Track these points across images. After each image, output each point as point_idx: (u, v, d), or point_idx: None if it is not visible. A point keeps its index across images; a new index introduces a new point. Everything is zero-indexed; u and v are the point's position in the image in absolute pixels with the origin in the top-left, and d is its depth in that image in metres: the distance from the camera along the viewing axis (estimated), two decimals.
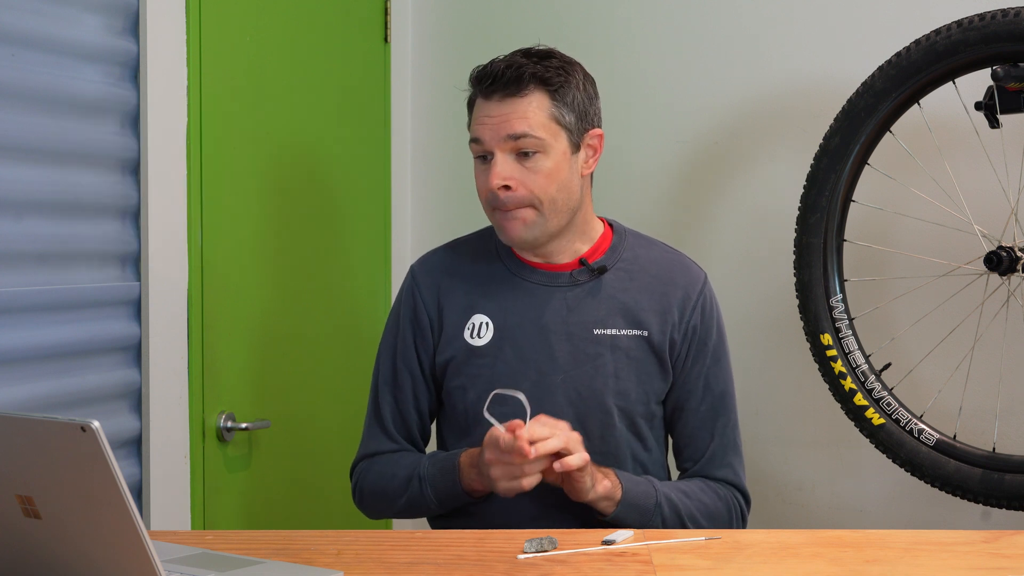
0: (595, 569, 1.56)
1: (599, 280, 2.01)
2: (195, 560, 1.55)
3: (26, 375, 1.92)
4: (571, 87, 1.95)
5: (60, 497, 1.29)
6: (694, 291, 2.03)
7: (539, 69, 1.93)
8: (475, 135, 1.96)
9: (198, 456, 2.29)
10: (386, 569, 1.57)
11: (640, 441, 2.00)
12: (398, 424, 2.06)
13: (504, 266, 2.05)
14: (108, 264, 2.11)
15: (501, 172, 1.92)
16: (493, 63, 1.96)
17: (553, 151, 1.93)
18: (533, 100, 1.92)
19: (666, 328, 2.00)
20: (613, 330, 1.98)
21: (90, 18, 2.05)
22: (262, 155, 2.49)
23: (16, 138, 1.90)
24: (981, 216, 2.36)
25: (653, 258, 2.05)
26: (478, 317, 2.01)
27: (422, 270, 2.09)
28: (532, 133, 1.91)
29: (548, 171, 1.93)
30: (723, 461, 2.02)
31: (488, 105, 1.94)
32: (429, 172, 3.03)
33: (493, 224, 2.01)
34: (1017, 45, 2.14)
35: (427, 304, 2.04)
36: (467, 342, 2.00)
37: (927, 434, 2.27)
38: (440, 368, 2.04)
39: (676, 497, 1.94)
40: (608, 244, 2.05)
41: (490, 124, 1.93)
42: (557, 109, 1.93)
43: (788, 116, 2.73)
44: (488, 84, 1.94)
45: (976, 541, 1.70)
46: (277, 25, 2.55)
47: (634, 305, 2.00)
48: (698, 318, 2.02)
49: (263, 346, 2.49)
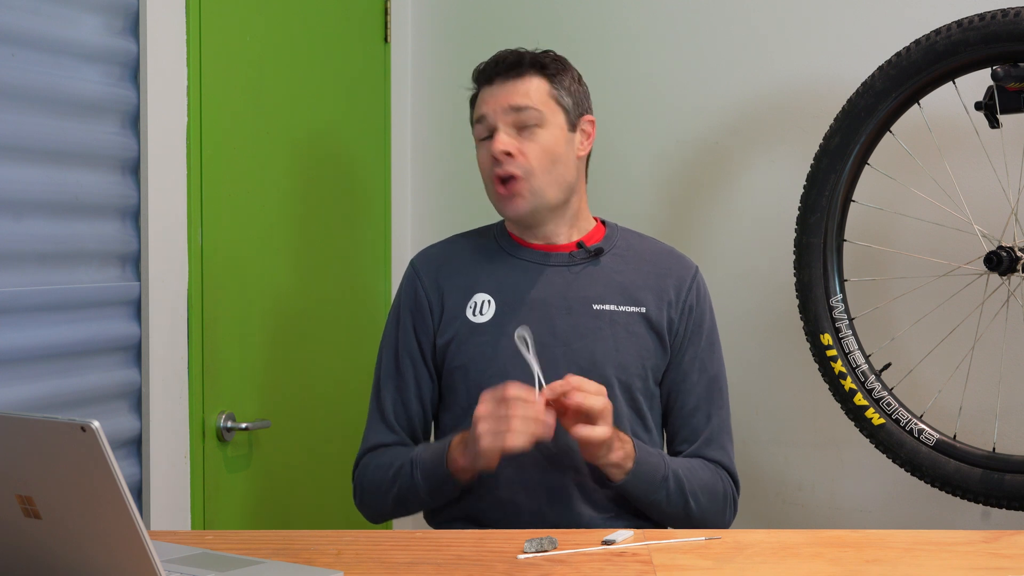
0: (595, 569, 1.56)
1: (596, 261, 2.08)
2: (195, 560, 1.55)
3: (26, 375, 1.92)
4: (566, 75, 2.08)
5: (60, 497, 1.29)
6: (688, 276, 2.10)
7: (536, 57, 2.06)
8: (479, 113, 2.06)
9: (198, 456, 2.29)
10: (386, 569, 1.57)
11: (640, 420, 2.03)
12: (400, 416, 2.07)
13: (503, 249, 2.10)
14: (108, 264, 2.11)
15: (503, 139, 2.01)
16: (496, 56, 2.08)
17: (551, 125, 2.03)
18: (532, 81, 2.04)
19: (663, 306, 2.05)
20: (611, 306, 2.04)
21: (90, 18, 2.05)
22: (262, 155, 2.49)
23: (16, 138, 1.90)
24: (981, 216, 2.36)
25: (646, 248, 2.13)
26: (480, 295, 2.05)
27: (422, 259, 2.15)
28: (532, 106, 2.02)
29: (547, 143, 2.02)
30: (718, 443, 2.06)
31: (490, 89, 2.05)
32: (429, 171, 3.03)
33: (493, 203, 2.07)
34: (1017, 45, 2.14)
35: (427, 288, 2.09)
36: (469, 320, 2.04)
37: (927, 434, 2.27)
38: (441, 351, 2.06)
39: (683, 473, 1.97)
40: (602, 235, 2.13)
41: (491, 101, 2.04)
42: (555, 91, 2.05)
43: (788, 116, 2.73)
44: (490, 70, 2.06)
45: (976, 541, 1.70)
46: (277, 25, 2.55)
47: (630, 285, 2.06)
48: (694, 299, 2.08)
49: (263, 346, 2.49)
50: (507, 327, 2.00)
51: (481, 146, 2.06)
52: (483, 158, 2.06)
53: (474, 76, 2.10)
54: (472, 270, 2.09)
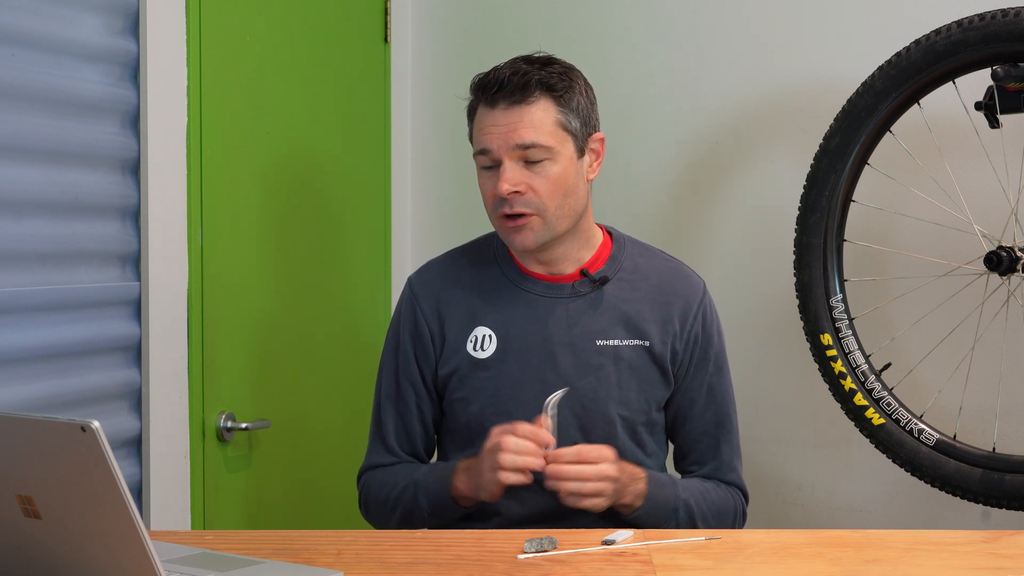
0: (595, 569, 1.56)
1: (600, 291, 2.01)
2: (195, 560, 1.55)
3: (26, 375, 1.92)
4: (575, 92, 1.95)
5: (60, 497, 1.29)
6: (694, 300, 2.04)
7: (544, 75, 1.92)
8: (483, 146, 1.94)
9: (198, 456, 2.29)
10: (386, 569, 1.57)
11: (641, 448, 2.01)
12: (402, 439, 2.05)
13: (505, 276, 2.04)
14: (108, 264, 2.11)
15: (511, 178, 1.91)
16: (496, 71, 1.95)
17: (561, 157, 1.93)
18: (540, 107, 1.92)
19: (667, 338, 2.00)
20: (615, 341, 1.98)
21: (90, 18, 2.05)
22: (262, 155, 2.49)
23: (16, 138, 1.90)
24: (981, 216, 2.36)
25: (653, 268, 2.06)
26: (481, 330, 2.00)
27: (420, 282, 2.07)
28: (540, 142, 1.91)
29: (556, 177, 1.93)
30: (730, 466, 2.05)
31: (494, 114, 1.92)
32: (429, 172, 3.03)
33: (499, 232, 2.00)
34: (1017, 45, 2.14)
35: (427, 317, 2.03)
36: (470, 354, 1.99)
37: (927, 434, 2.27)
38: (443, 380, 2.03)
39: (693, 502, 1.96)
40: (608, 253, 2.05)
41: (497, 133, 1.91)
42: (563, 115, 1.93)
43: (788, 116, 2.73)
44: (494, 91, 1.92)
45: (976, 541, 1.70)
46: (277, 25, 2.55)
47: (635, 315, 2.00)
48: (699, 327, 2.02)
49: (263, 346, 2.49)
50: (508, 363, 1.98)
51: (484, 174, 1.96)
52: (487, 188, 1.95)
53: (473, 89, 1.97)
54: (473, 300, 2.02)
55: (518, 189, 1.91)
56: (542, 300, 2.01)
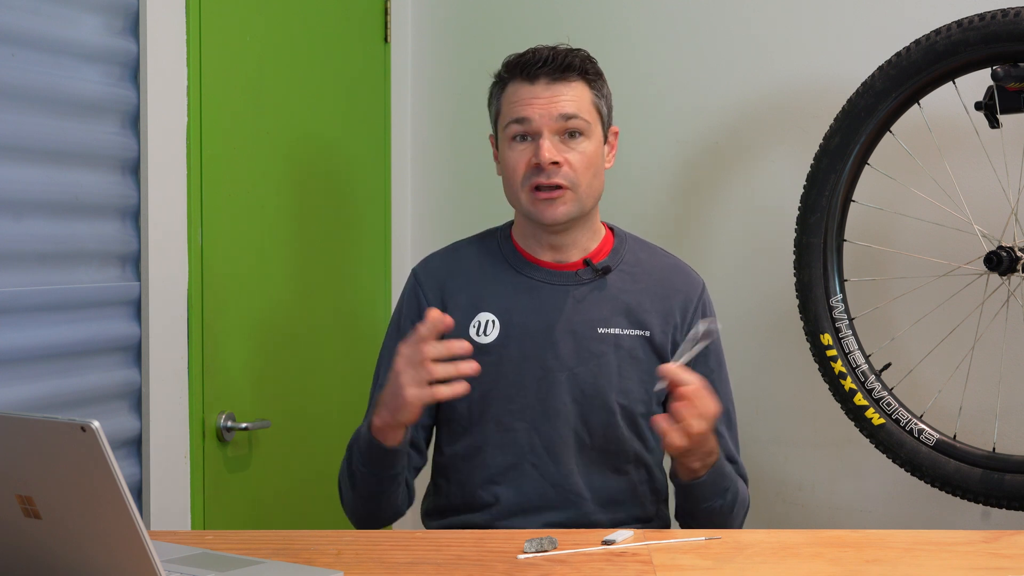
0: (595, 569, 1.56)
1: (603, 280, 2.03)
2: (195, 560, 1.55)
3: (26, 375, 1.92)
4: (604, 82, 2.04)
5: (60, 497, 1.29)
6: (694, 295, 2.06)
7: (580, 60, 2.00)
8: (521, 115, 1.97)
9: (198, 456, 2.29)
10: (386, 569, 1.57)
11: (641, 441, 2.01)
12: None
13: (508, 263, 2.06)
14: (108, 264, 2.11)
15: (551, 148, 1.95)
16: (534, 51, 2.00)
17: (594, 136, 2.00)
18: (578, 87, 1.99)
19: (668, 329, 2.02)
20: (616, 329, 2.00)
21: (90, 18, 2.05)
22: (262, 155, 2.49)
23: (16, 138, 1.90)
24: (981, 216, 2.36)
25: (654, 263, 2.09)
26: (484, 315, 2.02)
27: (425, 271, 2.09)
28: (581, 115, 1.97)
29: (590, 154, 1.99)
30: (733, 458, 2.05)
31: (534, 88, 1.97)
32: (429, 171, 3.03)
33: (526, 205, 1.99)
34: (1017, 45, 2.14)
35: (431, 302, 2.04)
36: (472, 339, 1.99)
37: (927, 434, 2.27)
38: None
39: (739, 488, 1.98)
40: (611, 246, 2.08)
41: (539, 104, 1.96)
42: (596, 99, 2.01)
43: (788, 116, 2.73)
44: (537, 67, 1.97)
45: (976, 541, 1.71)
46: (277, 25, 2.55)
47: (636, 306, 2.02)
48: (699, 319, 2.03)
49: (263, 346, 2.49)
50: (510, 348, 1.99)
51: (514, 147, 1.98)
52: (517, 160, 1.98)
53: (509, 68, 2.00)
54: (477, 286, 2.04)
55: (558, 160, 1.95)
56: (545, 287, 2.03)
